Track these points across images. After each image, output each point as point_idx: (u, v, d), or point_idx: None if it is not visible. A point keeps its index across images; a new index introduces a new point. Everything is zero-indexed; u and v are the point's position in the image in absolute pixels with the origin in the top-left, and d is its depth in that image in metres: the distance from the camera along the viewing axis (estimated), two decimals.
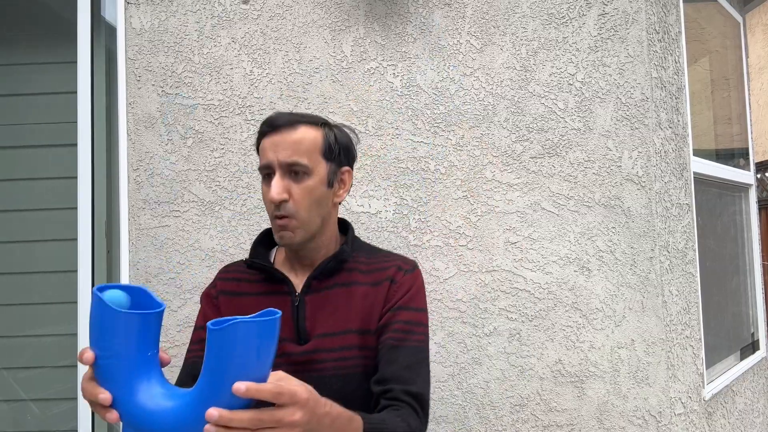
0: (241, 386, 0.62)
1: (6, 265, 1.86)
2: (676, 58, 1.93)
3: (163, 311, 0.67)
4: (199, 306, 1.09)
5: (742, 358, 2.44)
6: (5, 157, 1.89)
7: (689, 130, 2.00)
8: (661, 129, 1.76)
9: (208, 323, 0.63)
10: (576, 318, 1.64)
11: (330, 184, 1.01)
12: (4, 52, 1.92)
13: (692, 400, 1.81)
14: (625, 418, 1.63)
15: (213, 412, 0.61)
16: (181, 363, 1.66)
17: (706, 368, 1.98)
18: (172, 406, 0.64)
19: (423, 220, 1.67)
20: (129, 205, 1.70)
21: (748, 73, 2.87)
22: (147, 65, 1.73)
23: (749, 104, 2.87)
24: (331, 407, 0.76)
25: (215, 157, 1.70)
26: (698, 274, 1.97)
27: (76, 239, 1.71)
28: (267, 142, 0.97)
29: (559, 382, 1.64)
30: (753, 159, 2.87)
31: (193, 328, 1.09)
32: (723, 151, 2.84)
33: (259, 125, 1.03)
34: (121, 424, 0.69)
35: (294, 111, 1.00)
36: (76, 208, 1.72)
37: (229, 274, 1.09)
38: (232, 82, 1.71)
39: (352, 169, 1.06)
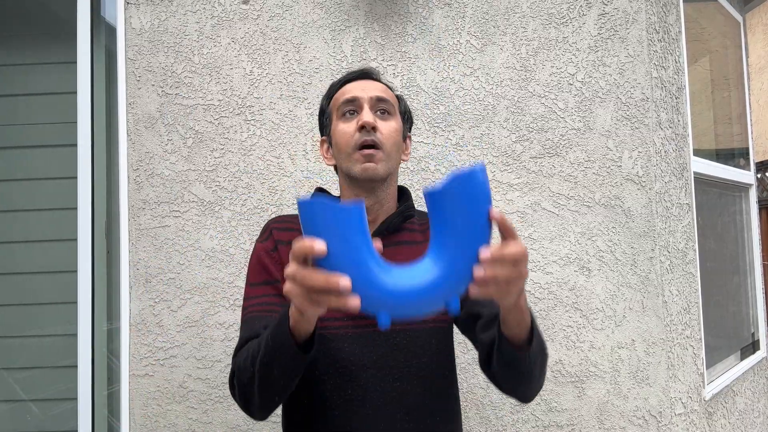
0: (495, 212, 0.65)
1: (6, 265, 1.86)
2: (677, 57, 1.93)
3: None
4: (249, 264, 1.02)
5: (742, 358, 2.44)
6: (5, 157, 1.89)
7: (689, 130, 2.00)
8: (662, 129, 1.76)
9: (426, 190, 0.64)
10: (576, 318, 1.64)
11: (403, 139, 1.03)
12: (4, 52, 1.92)
13: (692, 400, 1.81)
14: (625, 418, 1.63)
15: (486, 251, 0.64)
16: (176, 364, 1.66)
17: (707, 368, 1.98)
18: (419, 275, 0.65)
19: None
20: (129, 205, 1.70)
21: (748, 72, 2.87)
22: (147, 65, 1.73)
23: (749, 104, 2.87)
24: None
25: (215, 157, 1.70)
26: (698, 274, 1.97)
27: (76, 239, 1.71)
28: (352, 85, 1.00)
29: (560, 382, 1.63)
30: (753, 159, 2.87)
31: (247, 284, 1.01)
32: (723, 150, 2.84)
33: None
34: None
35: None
36: (76, 208, 1.72)
37: (283, 224, 1.03)
38: (231, 82, 1.71)
39: None
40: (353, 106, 0.97)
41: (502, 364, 0.83)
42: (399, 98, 1.05)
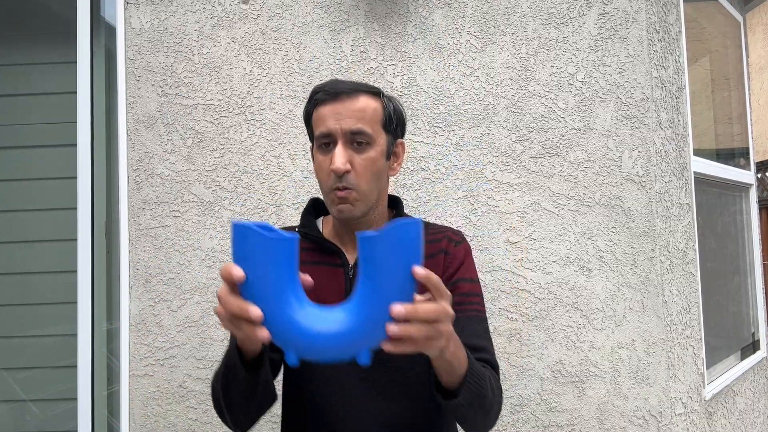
0: (419, 269, 0.61)
1: (6, 265, 1.86)
2: (677, 57, 1.93)
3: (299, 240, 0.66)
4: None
5: (742, 358, 2.44)
6: (5, 157, 1.89)
7: (689, 130, 2.00)
8: (662, 129, 1.76)
9: (361, 234, 0.62)
10: (576, 318, 1.64)
11: (388, 156, 0.97)
12: (4, 52, 1.92)
13: (693, 400, 1.81)
14: (625, 418, 1.63)
15: (398, 307, 0.60)
16: (176, 364, 1.66)
17: (707, 368, 1.98)
18: (337, 317, 0.63)
19: (423, 220, 1.66)
20: (129, 205, 1.70)
21: (748, 72, 2.87)
22: (147, 65, 1.73)
23: (749, 104, 2.87)
24: None
25: (215, 157, 1.70)
26: (699, 274, 1.96)
27: (76, 239, 1.71)
28: (326, 109, 0.92)
29: (560, 382, 1.63)
30: (753, 159, 2.87)
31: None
32: (723, 150, 2.84)
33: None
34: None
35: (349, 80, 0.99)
36: (76, 208, 1.72)
37: None
38: (231, 82, 1.71)
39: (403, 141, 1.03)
40: (328, 139, 0.92)
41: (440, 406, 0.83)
42: (384, 105, 0.96)
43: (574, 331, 1.64)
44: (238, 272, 0.61)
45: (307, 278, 0.66)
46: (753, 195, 2.76)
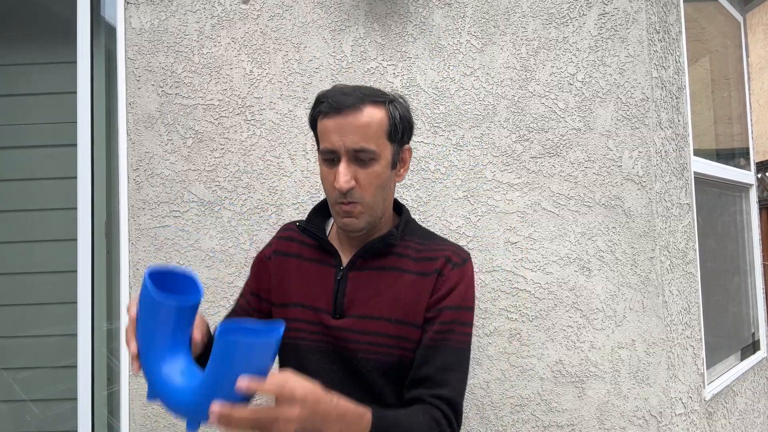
0: (243, 383, 0.67)
1: (6, 265, 1.86)
2: (677, 57, 1.93)
3: (199, 302, 0.81)
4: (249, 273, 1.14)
5: (742, 358, 2.44)
6: (5, 157, 1.89)
7: (690, 130, 2.00)
8: (662, 129, 1.76)
9: (218, 325, 0.70)
10: (576, 318, 1.64)
11: (394, 165, 0.98)
12: (4, 52, 1.92)
13: (693, 401, 1.81)
14: (625, 418, 1.63)
15: (215, 407, 0.67)
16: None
17: (707, 368, 1.98)
18: (186, 386, 0.74)
19: (423, 220, 1.66)
20: (129, 205, 1.70)
21: (748, 72, 2.87)
22: (147, 65, 1.73)
23: (750, 104, 2.87)
24: (338, 403, 0.76)
25: (215, 157, 1.70)
26: (699, 274, 1.96)
27: (76, 239, 1.71)
28: (330, 123, 0.91)
29: (560, 382, 1.63)
30: (753, 159, 2.87)
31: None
32: (723, 150, 2.84)
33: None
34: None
35: (354, 86, 0.97)
36: (76, 208, 1.72)
37: (287, 233, 1.11)
38: (231, 82, 1.71)
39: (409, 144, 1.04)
40: (333, 156, 0.93)
41: None
42: (390, 113, 0.95)
43: (574, 331, 1.64)
44: (132, 310, 0.78)
45: (197, 335, 0.82)
46: (753, 195, 2.76)
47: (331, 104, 0.92)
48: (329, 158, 0.93)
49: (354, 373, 0.96)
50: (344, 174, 0.90)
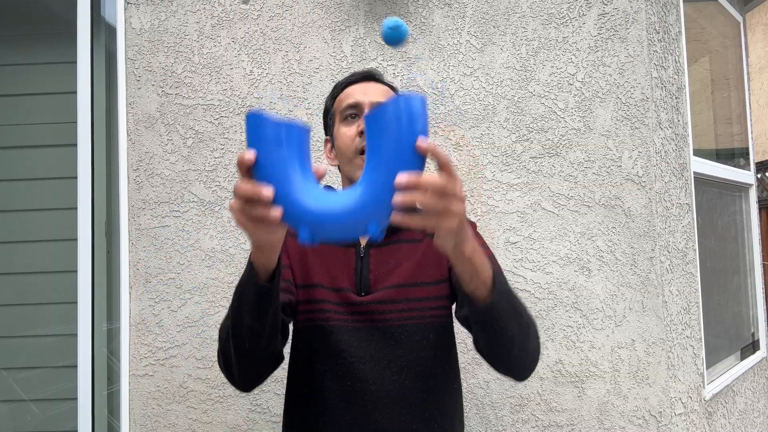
0: (422, 141, 0.61)
1: (6, 265, 1.86)
2: (677, 57, 1.93)
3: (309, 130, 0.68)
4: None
5: (742, 358, 2.44)
6: (5, 157, 1.89)
7: (689, 130, 2.00)
8: (662, 129, 1.76)
9: (366, 113, 0.64)
10: (576, 318, 1.64)
11: None
12: (4, 52, 1.92)
13: (692, 400, 1.81)
14: (625, 418, 1.63)
15: (402, 175, 0.60)
16: (176, 364, 1.66)
17: (707, 368, 1.98)
18: (341, 198, 0.64)
19: None
20: (129, 205, 1.70)
21: (748, 72, 2.87)
22: (147, 65, 1.73)
23: (749, 104, 2.87)
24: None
25: (215, 157, 1.70)
26: (698, 274, 1.96)
27: (76, 239, 1.71)
28: (355, 87, 1.02)
29: (560, 382, 1.63)
30: (753, 159, 2.87)
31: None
32: (723, 150, 2.84)
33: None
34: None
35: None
36: (76, 208, 1.72)
37: None
38: (232, 82, 1.71)
39: None
40: (355, 110, 0.99)
41: (477, 330, 0.83)
42: None
43: (574, 331, 1.64)
44: (249, 154, 0.62)
45: (320, 168, 0.66)
46: (753, 195, 2.76)
47: (355, 74, 1.05)
48: (351, 113, 1.01)
49: (391, 344, 0.96)
50: None
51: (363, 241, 1.02)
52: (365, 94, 1.00)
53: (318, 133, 1.60)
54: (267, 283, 0.77)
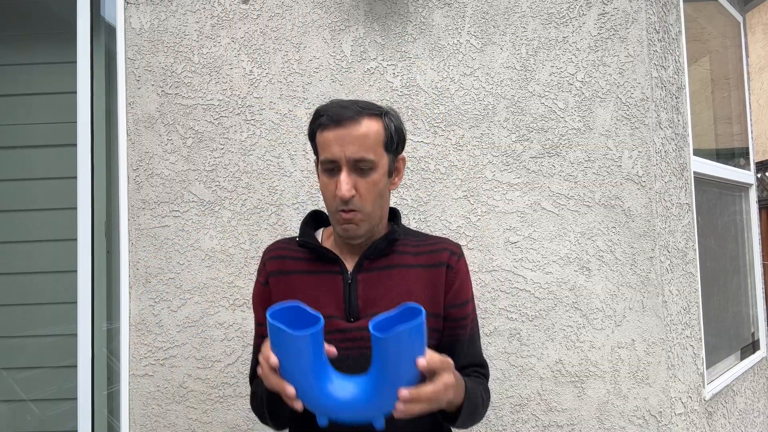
0: (421, 361, 0.76)
1: (6, 265, 1.86)
2: (677, 57, 1.93)
3: (323, 324, 0.80)
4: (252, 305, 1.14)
5: (742, 358, 2.44)
6: (5, 157, 1.89)
7: (689, 130, 2.00)
8: (661, 129, 1.76)
9: (372, 330, 0.76)
10: (576, 318, 1.64)
11: (390, 174, 1.03)
12: (4, 52, 1.92)
13: (692, 400, 1.81)
14: (625, 418, 1.63)
15: (403, 393, 0.76)
16: (176, 364, 1.66)
17: (707, 368, 1.98)
18: (359, 395, 0.79)
19: (423, 220, 1.67)
20: (129, 205, 1.70)
21: (748, 72, 2.87)
22: (147, 65, 1.73)
23: (749, 104, 2.87)
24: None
25: (215, 157, 1.70)
26: (698, 274, 1.96)
27: (76, 239, 1.71)
28: (330, 135, 0.96)
29: (560, 382, 1.63)
30: (753, 158, 2.87)
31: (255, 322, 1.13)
32: (723, 150, 2.84)
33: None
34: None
35: (351, 100, 1.03)
36: (76, 208, 1.72)
37: (275, 252, 1.09)
38: (231, 82, 1.71)
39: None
40: (333, 165, 0.97)
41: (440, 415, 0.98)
42: (386, 125, 0.99)
43: (574, 331, 1.64)
44: (273, 360, 0.78)
45: (331, 350, 0.81)
46: (753, 195, 2.77)
47: (331, 117, 0.96)
48: (330, 168, 0.98)
49: None
50: (345, 182, 0.95)
51: (350, 267, 1.03)
52: (341, 147, 0.94)
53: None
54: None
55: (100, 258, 1.74)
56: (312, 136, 1.04)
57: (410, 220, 1.67)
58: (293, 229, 1.66)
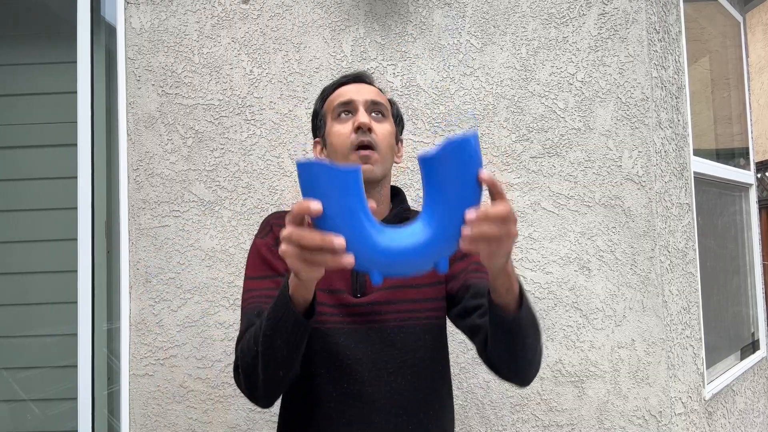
0: (485, 174, 0.65)
1: (6, 265, 1.86)
2: (677, 57, 1.93)
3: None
4: (249, 259, 1.02)
5: (742, 358, 2.44)
6: (5, 157, 1.89)
7: (689, 130, 2.00)
8: (662, 129, 1.76)
9: (422, 156, 0.66)
10: (576, 318, 1.64)
11: (396, 142, 1.06)
12: (4, 52, 1.92)
13: (692, 400, 1.81)
14: (625, 418, 1.63)
15: (471, 212, 0.64)
16: (176, 364, 1.66)
17: (707, 368, 1.98)
18: (410, 236, 0.67)
19: None
20: (129, 205, 1.70)
21: (748, 72, 2.87)
22: (147, 65, 1.73)
23: (749, 104, 2.87)
24: None
25: (215, 157, 1.70)
26: (698, 274, 1.97)
27: (76, 239, 1.71)
28: (346, 88, 1.02)
29: (560, 382, 1.63)
30: (753, 158, 2.87)
31: (246, 278, 1.01)
32: (723, 150, 2.84)
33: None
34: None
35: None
36: (76, 208, 1.72)
37: (283, 220, 1.01)
38: (231, 81, 1.71)
39: None
40: (348, 108, 0.99)
41: (496, 337, 0.84)
42: (392, 102, 1.08)
43: (574, 330, 1.64)
44: (316, 206, 0.62)
45: (372, 203, 0.67)
46: (753, 195, 2.77)
47: (346, 76, 1.04)
48: (344, 110, 1.00)
49: (387, 346, 0.96)
50: (364, 115, 0.97)
51: None
52: (358, 92, 1.00)
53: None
54: (307, 319, 0.78)
55: (100, 258, 1.74)
56: (317, 112, 1.07)
57: None
58: None
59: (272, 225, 1.03)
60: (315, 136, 1.09)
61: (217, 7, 1.73)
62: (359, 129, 0.95)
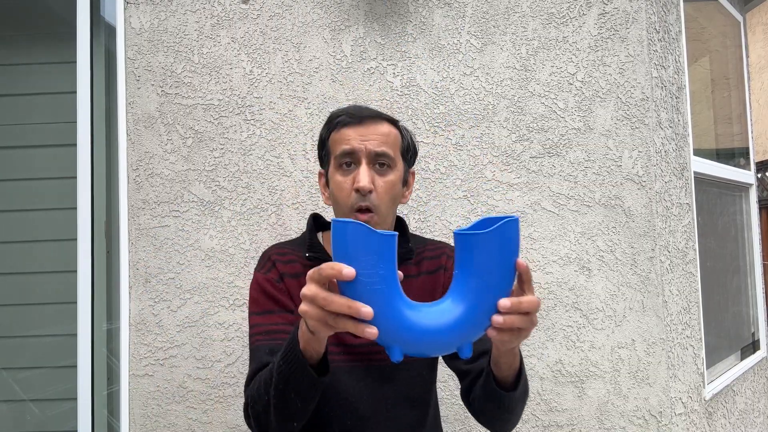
0: (523, 264, 0.65)
1: (6, 265, 1.86)
2: (677, 57, 1.93)
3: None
4: (252, 293, 1.01)
5: (742, 358, 2.44)
6: (5, 157, 1.89)
7: (689, 130, 2.00)
8: (662, 128, 1.76)
9: (459, 232, 0.63)
10: (576, 318, 1.64)
11: (404, 183, 1.00)
12: (4, 52, 1.92)
13: (693, 400, 1.81)
14: (625, 418, 1.63)
15: (505, 301, 0.63)
16: (176, 364, 1.66)
17: (707, 368, 1.98)
18: (439, 316, 0.64)
19: (423, 220, 1.66)
20: (129, 205, 1.70)
21: (748, 72, 2.87)
22: (146, 65, 1.73)
23: (749, 104, 2.87)
24: None
25: (215, 157, 1.70)
26: (699, 274, 1.96)
27: (75, 239, 1.71)
28: (350, 131, 0.93)
29: (560, 382, 1.63)
30: (753, 158, 2.87)
31: (251, 314, 0.99)
32: (723, 150, 2.84)
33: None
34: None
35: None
36: (75, 208, 1.72)
37: (284, 256, 1.02)
38: (231, 81, 1.71)
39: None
40: (351, 159, 0.93)
41: (485, 399, 0.86)
42: (402, 134, 1.00)
43: (574, 331, 1.64)
44: (348, 270, 0.60)
45: (401, 273, 0.65)
46: (753, 195, 2.76)
47: (351, 114, 0.95)
48: (346, 161, 0.93)
49: (386, 382, 0.98)
50: (365, 174, 0.90)
51: None
52: (363, 140, 0.92)
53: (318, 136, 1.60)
54: (320, 375, 0.77)
55: (100, 258, 1.74)
56: (323, 142, 1.00)
57: (410, 220, 1.67)
58: (293, 229, 1.66)
59: (274, 261, 1.01)
60: (321, 165, 1.05)
61: (217, 7, 1.73)
62: (358, 191, 0.91)
